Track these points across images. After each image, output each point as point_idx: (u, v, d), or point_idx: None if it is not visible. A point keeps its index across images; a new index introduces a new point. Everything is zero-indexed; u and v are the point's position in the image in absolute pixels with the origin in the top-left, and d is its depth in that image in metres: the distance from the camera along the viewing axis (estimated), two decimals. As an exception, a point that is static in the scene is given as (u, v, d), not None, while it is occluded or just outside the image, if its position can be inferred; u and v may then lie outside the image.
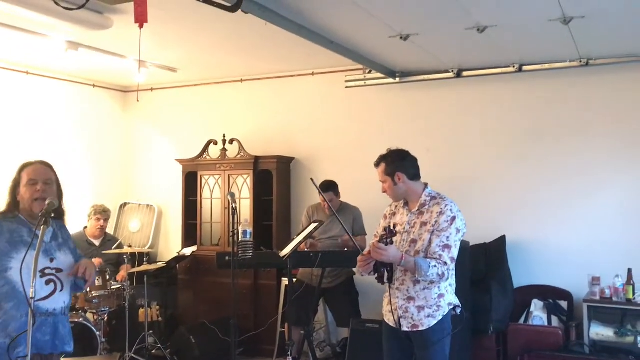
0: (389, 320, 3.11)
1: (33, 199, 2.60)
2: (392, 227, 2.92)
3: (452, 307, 3.02)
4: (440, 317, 2.97)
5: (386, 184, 3.10)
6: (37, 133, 6.02)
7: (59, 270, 2.66)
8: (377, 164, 3.13)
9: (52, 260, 2.64)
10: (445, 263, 2.89)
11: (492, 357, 4.81)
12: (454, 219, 2.95)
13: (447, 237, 2.93)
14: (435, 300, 2.98)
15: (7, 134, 5.75)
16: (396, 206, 3.22)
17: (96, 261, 5.17)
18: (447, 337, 2.98)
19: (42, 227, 2.40)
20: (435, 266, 2.87)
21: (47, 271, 2.61)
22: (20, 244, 2.54)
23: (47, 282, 2.61)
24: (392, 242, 2.85)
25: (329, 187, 5.05)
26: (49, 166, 2.75)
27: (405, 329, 3.00)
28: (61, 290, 2.66)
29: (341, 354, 5.37)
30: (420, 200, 3.07)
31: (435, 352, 2.96)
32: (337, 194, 5.10)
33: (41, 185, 2.63)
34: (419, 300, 2.98)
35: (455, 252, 2.94)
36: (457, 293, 3.11)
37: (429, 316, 2.97)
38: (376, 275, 3.02)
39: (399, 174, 3.05)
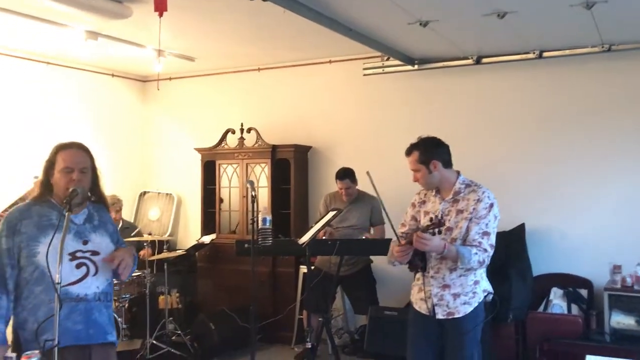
0: (421, 308, 3.08)
1: (67, 188, 2.47)
2: (440, 217, 2.87)
3: (486, 293, 3.02)
4: (476, 304, 2.97)
5: (419, 173, 3.04)
6: (57, 122, 6.08)
7: (94, 252, 2.54)
8: (408, 153, 3.07)
9: (85, 242, 2.53)
10: (486, 250, 2.89)
11: (511, 345, 4.79)
12: (492, 205, 2.94)
13: (486, 224, 2.92)
14: (471, 287, 2.97)
15: (28, 124, 5.82)
16: (425, 194, 3.18)
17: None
18: (480, 323, 2.98)
19: (66, 214, 2.34)
20: (476, 253, 2.85)
21: (78, 254, 2.49)
22: (48, 228, 2.43)
23: (78, 266, 2.49)
24: (440, 232, 2.81)
25: (345, 174, 5.05)
26: (86, 151, 2.62)
27: (440, 316, 2.98)
28: (94, 275, 2.52)
29: (359, 340, 5.39)
30: (454, 188, 3.03)
31: (469, 339, 2.95)
32: (355, 181, 5.09)
33: (77, 174, 2.51)
34: (454, 288, 2.96)
35: (493, 238, 2.93)
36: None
37: (465, 303, 2.96)
38: (409, 264, 3.02)
39: (434, 162, 3.00)
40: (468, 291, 2.96)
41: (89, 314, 2.49)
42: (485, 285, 3.05)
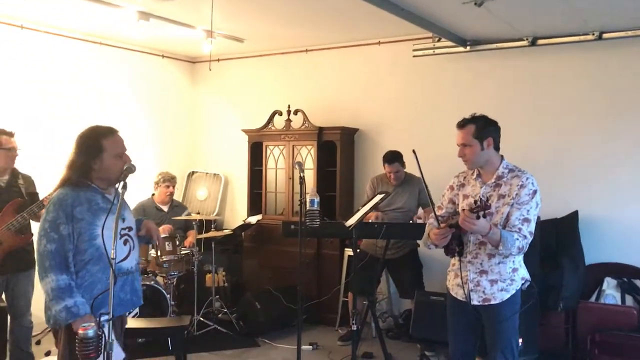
0: (457, 293, 3.05)
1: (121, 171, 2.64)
2: (486, 200, 2.81)
3: (524, 281, 2.97)
4: (514, 292, 2.93)
5: (470, 148, 2.96)
6: (108, 102, 6.23)
7: (130, 228, 2.76)
8: (462, 125, 2.98)
9: (123, 220, 2.71)
10: (525, 237, 2.84)
11: (561, 334, 4.69)
12: (535, 192, 2.89)
13: (528, 211, 2.86)
14: (509, 274, 2.93)
15: (80, 103, 5.96)
16: (465, 177, 3.13)
17: (166, 228, 5.35)
18: (517, 311, 2.94)
19: (122, 191, 2.51)
20: (517, 239, 2.82)
21: (122, 232, 2.69)
22: (99, 212, 2.60)
23: (125, 242, 2.71)
24: (484, 216, 2.76)
25: (394, 157, 5.00)
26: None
27: (475, 302, 2.95)
28: (134, 248, 2.76)
29: (403, 324, 5.37)
30: (497, 172, 2.97)
31: (506, 327, 2.92)
32: (403, 164, 5.04)
33: (126, 157, 2.70)
34: (492, 274, 2.93)
35: (533, 226, 2.88)
36: (526, 268, 3.05)
37: (502, 290, 2.92)
38: (445, 248, 2.98)
39: (490, 139, 2.95)
40: (506, 278, 2.93)
41: (132, 283, 2.77)
42: (524, 272, 3.00)
